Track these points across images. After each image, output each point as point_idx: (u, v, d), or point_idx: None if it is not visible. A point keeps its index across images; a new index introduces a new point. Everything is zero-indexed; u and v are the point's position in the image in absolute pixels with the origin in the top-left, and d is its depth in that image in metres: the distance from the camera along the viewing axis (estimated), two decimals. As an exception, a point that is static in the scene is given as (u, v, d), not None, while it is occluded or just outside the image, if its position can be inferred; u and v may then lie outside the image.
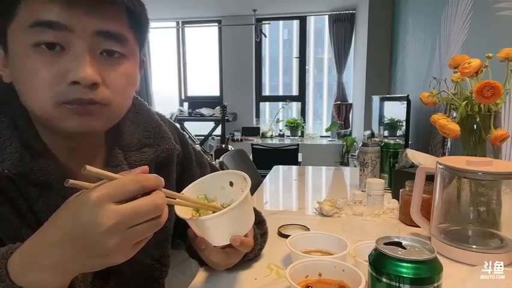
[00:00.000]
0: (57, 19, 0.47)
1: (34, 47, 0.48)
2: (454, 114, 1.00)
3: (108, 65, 0.52)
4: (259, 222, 0.82)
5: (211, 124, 5.09)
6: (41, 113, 0.51)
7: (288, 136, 5.22)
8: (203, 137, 5.05)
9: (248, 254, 0.72)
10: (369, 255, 0.51)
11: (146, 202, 0.41)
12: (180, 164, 0.77)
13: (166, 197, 0.44)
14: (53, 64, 0.48)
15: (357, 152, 3.05)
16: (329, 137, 5.12)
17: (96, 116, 0.52)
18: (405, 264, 0.46)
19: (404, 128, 2.18)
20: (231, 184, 0.63)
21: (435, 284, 0.46)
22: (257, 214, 0.82)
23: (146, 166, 0.44)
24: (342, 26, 4.83)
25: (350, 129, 4.91)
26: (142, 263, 0.70)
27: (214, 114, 5.08)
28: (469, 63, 0.95)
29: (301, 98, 5.39)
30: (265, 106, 5.63)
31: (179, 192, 0.56)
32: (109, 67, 0.52)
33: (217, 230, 0.57)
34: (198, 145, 4.47)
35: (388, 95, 3.28)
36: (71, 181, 0.39)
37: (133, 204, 0.40)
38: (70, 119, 0.51)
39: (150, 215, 0.41)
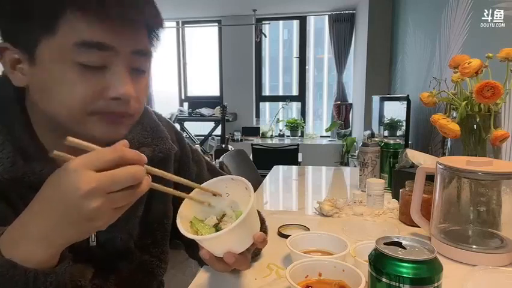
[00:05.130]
0: (105, 40, 0.50)
1: (77, 63, 0.50)
2: (454, 114, 1.00)
3: (136, 79, 0.56)
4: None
5: (211, 124, 5.09)
6: (68, 119, 0.53)
7: (288, 136, 5.22)
8: (203, 137, 5.05)
9: None
10: (369, 255, 0.51)
11: (124, 171, 0.42)
12: (177, 162, 0.78)
13: (153, 177, 0.46)
14: (93, 80, 0.51)
15: (357, 152, 3.05)
16: (329, 137, 5.12)
17: (122, 125, 0.56)
18: (405, 264, 0.46)
19: (404, 128, 2.18)
20: (214, 194, 0.61)
21: (435, 284, 0.46)
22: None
23: (126, 140, 0.45)
24: (342, 26, 4.83)
25: (350, 129, 4.91)
26: (141, 260, 0.70)
27: (214, 114, 5.08)
28: (469, 63, 0.95)
29: (301, 98, 5.39)
30: (265, 106, 5.63)
31: (177, 199, 0.56)
32: (137, 82, 0.56)
33: (243, 235, 0.55)
34: (198, 145, 4.48)
35: (388, 95, 3.28)
36: (56, 152, 0.41)
37: (111, 171, 0.41)
38: (98, 127, 0.54)
39: (127, 183, 0.42)
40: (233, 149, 3.06)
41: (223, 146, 4.31)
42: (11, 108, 0.55)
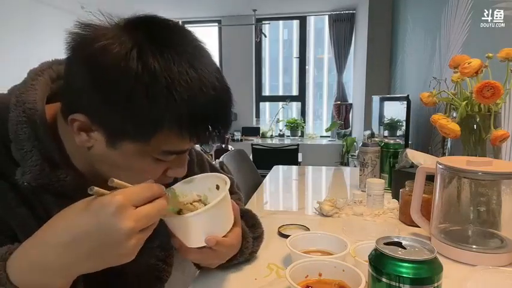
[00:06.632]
0: (185, 148, 0.55)
1: (155, 158, 0.54)
2: (454, 114, 1.00)
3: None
4: (254, 225, 0.81)
5: (211, 124, 5.08)
6: None
7: (288, 136, 5.23)
8: (203, 137, 5.04)
9: (237, 256, 0.72)
10: (369, 255, 0.51)
11: (155, 208, 0.46)
12: None
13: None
14: (162, 167, 0.56)
15: (357, 152, 3.05)
16: (329, 137, 5.12)
17: None
18: (405, 264, 0.46)
19: (404, 128, 2.18)
20: (217, 188, 0.64)
21: (435, 284, 0.46)
22: (252, 217, 0.82)
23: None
24: (342, 26, 4.83)
25: (350, 129, 4.91)
26: (148, 263, 0.71)
27: (214, 114, 5.07)
28: (469, 63, 0.95)
29: (301, 98, 5.39)
30: (265, 106, 5.63)
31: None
32: None
33: (191, 231, 0.57)
34: (197, 145, 4.47)
35: (388, 95, 3.28)
36: (96, 188, 0.43)
37: (147, 209, 0.45)
38: None
39: (156, 219, 0.47)
40: (233, 149, 3.06)
41: (223, 146, 4.30)
42: (39, 115, 0.55)
